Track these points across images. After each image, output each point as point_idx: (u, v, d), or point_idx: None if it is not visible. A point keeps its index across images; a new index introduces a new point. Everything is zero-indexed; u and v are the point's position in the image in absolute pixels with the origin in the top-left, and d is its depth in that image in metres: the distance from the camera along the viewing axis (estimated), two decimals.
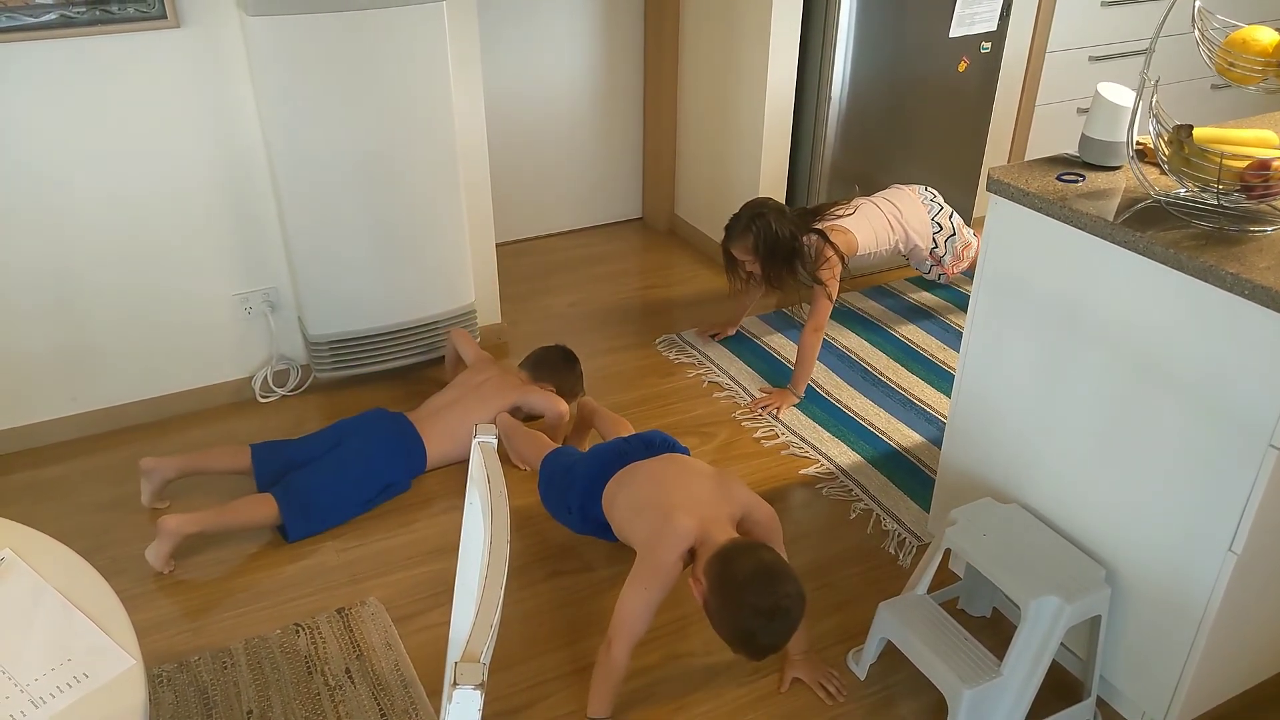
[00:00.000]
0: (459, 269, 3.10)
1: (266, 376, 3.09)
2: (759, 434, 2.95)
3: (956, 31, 3.51)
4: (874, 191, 3.41)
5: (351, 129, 2.74)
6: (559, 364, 2.91)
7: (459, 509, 2.31)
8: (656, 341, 3.44)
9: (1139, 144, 2.02)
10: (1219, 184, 1.77)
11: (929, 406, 3.06)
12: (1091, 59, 4.01)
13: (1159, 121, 1.84)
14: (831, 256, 3.06)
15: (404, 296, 3.04)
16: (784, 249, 3.05)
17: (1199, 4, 1.83)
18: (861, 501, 2.68)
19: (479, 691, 1.02)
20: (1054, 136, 4.08)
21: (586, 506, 2.31)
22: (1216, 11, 1.88)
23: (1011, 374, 2.10)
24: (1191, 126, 1.83)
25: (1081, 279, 1.89)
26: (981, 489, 2.24)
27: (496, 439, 1.39)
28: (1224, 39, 1.82)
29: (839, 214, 3.18)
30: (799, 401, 3.07)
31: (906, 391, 3.14)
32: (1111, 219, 1.81)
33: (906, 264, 3.54)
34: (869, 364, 3.29)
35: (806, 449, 2.88)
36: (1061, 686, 2.10)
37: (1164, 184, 1.91)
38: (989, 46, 3.61)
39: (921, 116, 3.64)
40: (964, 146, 3.80)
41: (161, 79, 2.62)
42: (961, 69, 3.60)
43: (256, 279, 2.98)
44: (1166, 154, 1.84)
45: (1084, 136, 2.05)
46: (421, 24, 2.70)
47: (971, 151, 3.82)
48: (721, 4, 3.58)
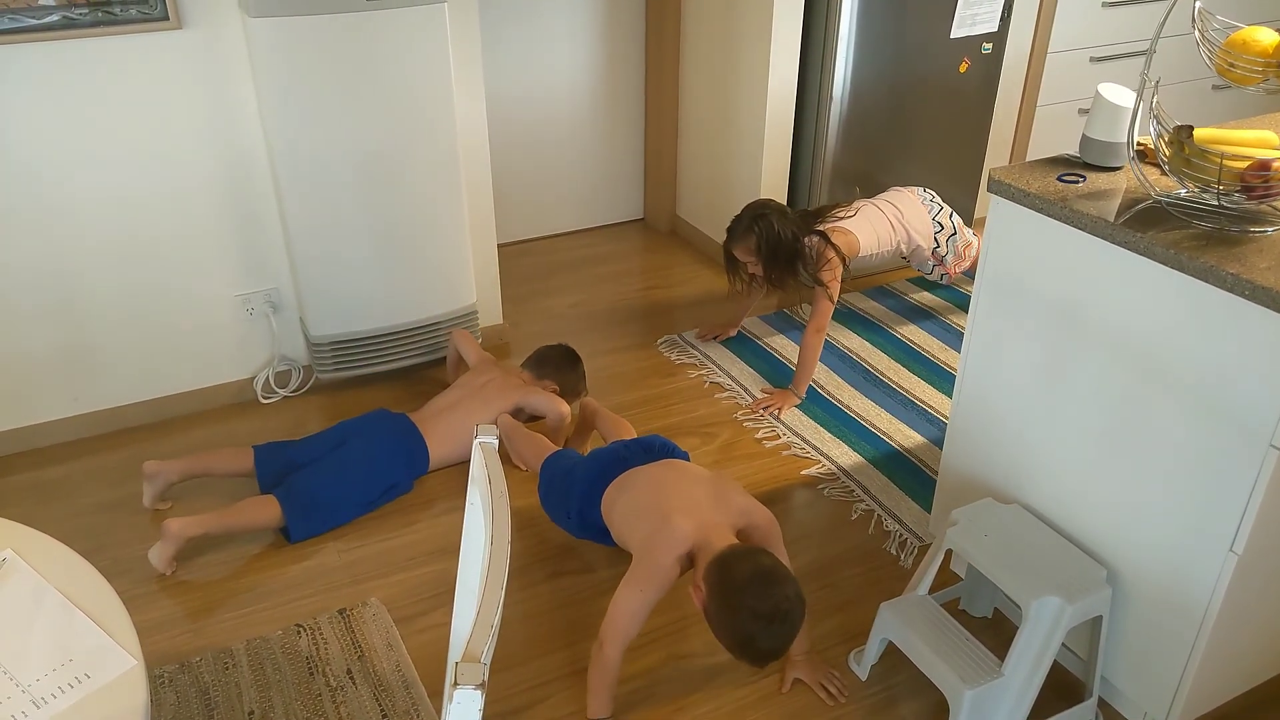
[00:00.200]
0: (460, 269, 3.11)
1: (268, 377, 3.09)
2: (760, 435, 2.95)
3: (958, 32, 3.51)
4: (875, 193, 3.42)
5: (353, 130, 2.74)
6: (562, 362, 2.91)
7: (460, 510, 2.31)
8: (658, 342, 3.44)
9: (1140, 145, 2.02)
10: (1219, 185, 1.77)
11: (930, 407, 3.06)
12: (1092, 60, 4.01)
13: (1159, 122, 1.84)
14: (833, 258, 3.06)
15: (406, 297, 3.04)
16: (786, 250, 3.05)
17: (1199, 5, 1.83)
18: (863, 502, 2.68)
19: (480, 692, 1.03)
20: (1055, 137, 4.08)
21: (585, 511, 2.30)
22: (1217, 12, 1.88)
23: (1012, 374, 2.10)
24: (1192, 127, 1.83)
25: (1082, 280, 1.89)
26: (983, 489, 2.24)
27: (497, 439, 1.40)
28: (1224, 40, 1.82)
29: (840, 215, 3.18)
30: (800, 402, 3.07)
31: (907, 392, 3.14)
32: (1112, 220, 1.81)
33: (907, 265, 3.54)
34: (870, 364, 3.29)
35: (808, 449, 2.88)
36: (1063, 687, 2.10)
37: (1164, 185, 1.91)
38: (990, 47, 3.61)
39: (923, 117, 3.64)
40: (965, 147, 3.80)
41: (163, 80, 2.62)
42: (963, 70, 3.60)
43: (258, 279, 2.98)
44: (1167, 155, 1.84)
45: (1085, 137, 2.05)
46: (423, 25, 2.70)
47: (973, 152, 3.82)
48: (722, 5, 3.58)
